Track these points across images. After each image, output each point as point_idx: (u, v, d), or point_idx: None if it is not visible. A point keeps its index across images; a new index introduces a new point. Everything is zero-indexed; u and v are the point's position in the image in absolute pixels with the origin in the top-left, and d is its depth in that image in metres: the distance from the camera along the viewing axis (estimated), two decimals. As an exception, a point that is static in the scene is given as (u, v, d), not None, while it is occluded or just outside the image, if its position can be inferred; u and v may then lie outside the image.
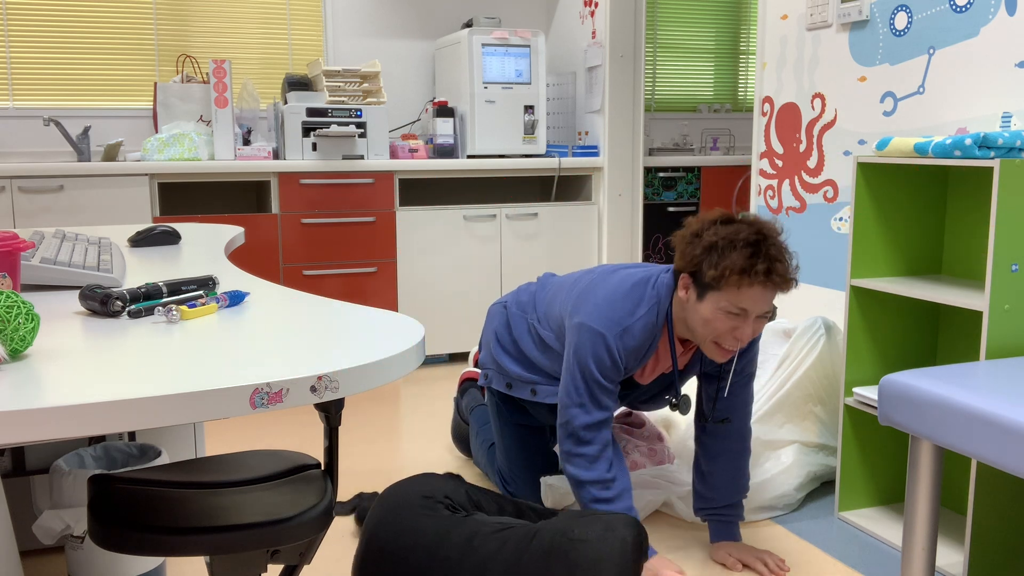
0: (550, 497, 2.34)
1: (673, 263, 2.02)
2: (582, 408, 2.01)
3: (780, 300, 3.08)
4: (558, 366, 2.22)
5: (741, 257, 1.84)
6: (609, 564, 1.64)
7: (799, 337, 2.55)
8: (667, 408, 2.48)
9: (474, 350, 2.96)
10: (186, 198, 3.92)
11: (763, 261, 1.84)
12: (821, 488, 2.58)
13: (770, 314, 1.91)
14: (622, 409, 2.65)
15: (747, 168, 4.54)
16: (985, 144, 1.98)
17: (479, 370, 2.49)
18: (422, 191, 4.24)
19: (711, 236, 1.89)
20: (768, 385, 2.50)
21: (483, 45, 3.98)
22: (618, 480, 2.02)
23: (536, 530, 1.74)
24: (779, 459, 2.45)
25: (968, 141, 1.99)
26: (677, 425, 2.70)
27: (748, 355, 2.12)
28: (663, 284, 2.04)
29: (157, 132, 3.84)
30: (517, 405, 2.39)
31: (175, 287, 1.43)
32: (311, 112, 3.74)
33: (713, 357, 1.97)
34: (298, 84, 3.92)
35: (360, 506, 2.32)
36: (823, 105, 2.85)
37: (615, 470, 2.02)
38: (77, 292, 1.48)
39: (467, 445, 2.78)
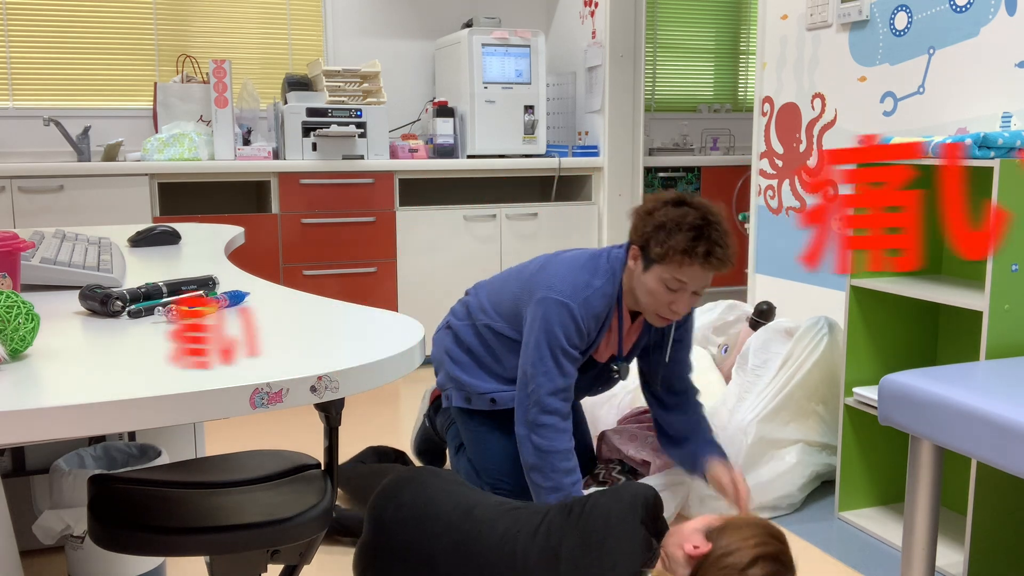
0: None
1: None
2: (547, 376, 2.11)
3: (781, 300, 3.08)
4: (515, 361, 2.28)
5: (685, 239, 2.02)
6: (618, 515, 1.67)
7: (802, 336, 2.55)
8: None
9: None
10: (186, 198, 3.92)
11: (704, 244, 2.03)
12: (821, 488, 2.58)
13: (704, 290, 2.13)
14: (639, 407, 2.65)
15: (747, 168, 4.54)
16: (985, 144, 1.98)
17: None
18: (422, 191, 4.24)
19: (661, 216, 2.06)
20: (772, 384, 2.50)
21: (483, 45, 3.98)
22: (574, 453, 2.15)
23: (548, 507, 1.79)
24: (783, 459, 2.45)
25: (968, 141, 1.99)
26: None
27: (685, 326, 2.32)
28: (616, 258, 2.20)
29: (157, 132, 3.84)
30: (484, 418, 2.40)
31: (175, 287, 1.43)
32: (311, 112, 3.73)
33: (653, 323, 2.18)
34: (298, 84, 3.92)
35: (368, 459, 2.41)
36: (823, 105, 2.85)
37: (573, 442, 2.15)
38: (77, 292, 1.48)
39: (432, 457, 2.75)
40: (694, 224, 2.03)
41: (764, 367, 2.56)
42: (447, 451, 2.68)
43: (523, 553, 1.69)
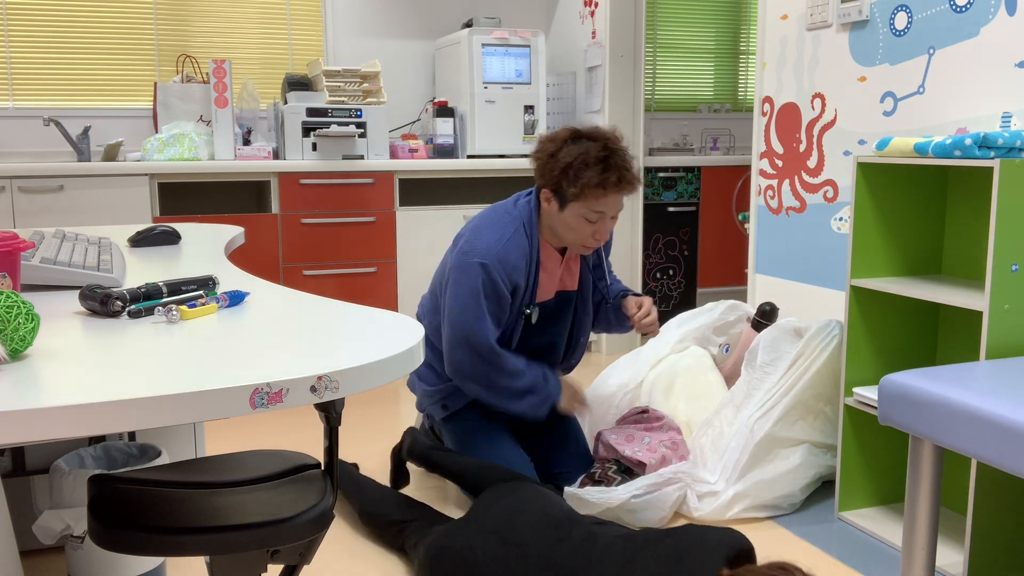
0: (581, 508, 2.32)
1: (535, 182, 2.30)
2: (480, 321, 2.22)
3: (781, 300, 3.08)
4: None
5: (595, 173, 2.13)
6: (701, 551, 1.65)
7: (813, 337, 2.55)
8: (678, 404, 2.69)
9: None
10: (186, 198, 3.92)
11: (614, 173, 2.15)
12: (821, 488, 2.58)
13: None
14: (636, 407, 2.65)
15: (747, 168, 4.54)
16: (985, 144, 1.98)
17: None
18: (422, 191, 4.24)
19: (566, 156, 2.16)
20: (781, 383, 2.49)
21: (483, 45, 3.98)
22: (531, 366, 2.30)
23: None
24: (787, 458, 2.45)
25: (968, 141, 1.99)
26: (690, 422, 2.70)
27: (607, 243, 2.51)
28: (524, 205, 2.30)
29: (157, 132, 3.84)
30: (466, 413, 2.42)
31: (175, 287, 1.43)
32: (311, 112, 3.74)
33: (579, 252, 2.32)
34: (298, 84, 3.92)
35: (414, 441, 2.40)
36: (823, 105, 2.85)
37: (522, 362, 2.29)
38: (77, 292, 1.48)
39: (428, 463, 2.77)
40: (599, 157, 2.14)
41: (773, 366, 2.56)
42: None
43: (600, 554, 1.69)
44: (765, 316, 2.83)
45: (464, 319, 2.22)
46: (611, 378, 2.82)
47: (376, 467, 2.80)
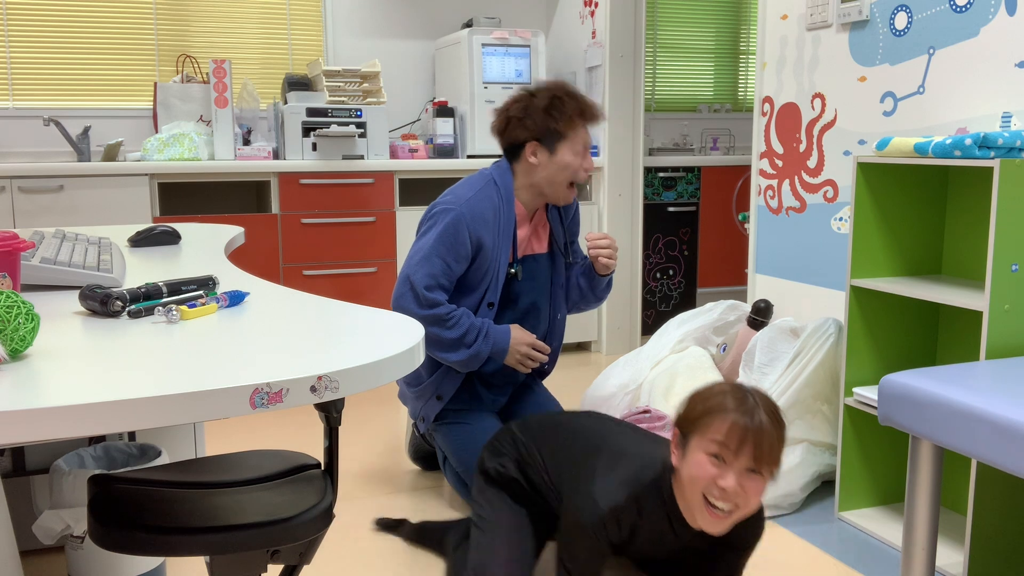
0: None
1: (504, 144, 2.38)
2: (426, 262, 2.26)
3: (781, 300, 3.08)
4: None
5: (574, 104, 2.30)
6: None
7: (810, 336, 2.55)
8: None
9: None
10: (186, 198, 3.92)
11: (586, 102, 2.33)
12: (821, 488, 2.58)
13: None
14: (638, 407, 2.65)
15: (747, 168, 4.54)
16: (985, 144, 1.98)
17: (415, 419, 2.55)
18: (422, 191, 4.24)
19: (540, 103, 2.30)
20: (778, 382, 2.50)
21: (483, 45, 3.98)
22: (462, 316, 2.30)
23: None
24: (787, 458, 2.45)
25: (968, 141, 1.99)
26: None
27: (573, 207, 2.57)
28: (495, 168, 2.39)
29: (157, 132, 3.84)
30: (455, 416, 2.42)
31: (175, 287, 1.43)
32: (311, 112, 3.74)
33: (567, 199, 2.40)
34: (298, 84, 3.92)
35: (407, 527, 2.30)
36: (823, 105, 2.85)
37: (461, 311, 2.32)
38: (77, 292, 1.48)
39: (428, 463, 2.78)
40: (567, 92, 2.32)
41: (770, 366, 2.56)
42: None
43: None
44: (760, 313, 2.84)
45: (415, 259, 2.28)
46: (611, 378, 2.82)
47: (376, 467, 2.80)
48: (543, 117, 2.30)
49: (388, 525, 2.33)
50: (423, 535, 2.25)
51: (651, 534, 1.65)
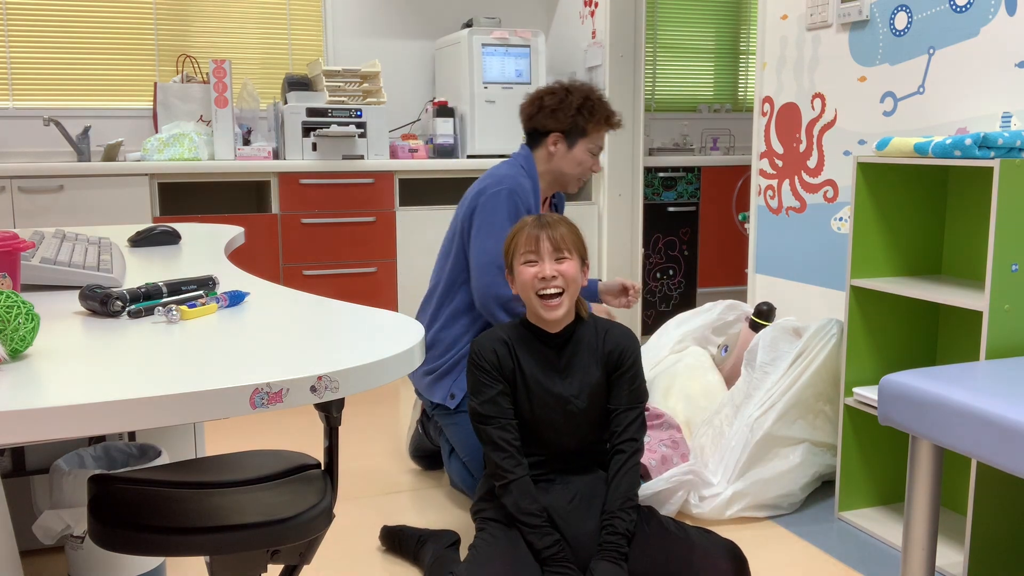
0: None
1: (528, 128, 2.55)
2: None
3: (781, 300, 3.08)
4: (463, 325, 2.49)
5: (603, 109, 2.50)
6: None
7: (812, 336, 2.55)
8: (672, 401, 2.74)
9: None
10: (186, 198, 3.92)
11: (613, 110, 2.54)
12: (821, 488, 2.58)
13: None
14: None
15: (747, 168, 4.54)
16: (985, 144, 1.98)
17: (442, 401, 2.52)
18: (422, 191, 4.24)
19: (576, 98, 2.47)
20: (780, 382, 2.50)
21: (483, 45, 3.98)
22: None
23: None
24: (787, 458, 2.45)
25: (968, 141, 1.99)
26: (690, 422, 2.70)
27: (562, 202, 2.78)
28: (521, 155, 2.55)
29: (157, 132, 3.84)
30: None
31: (175, 287, 1.43)
32: (311, 112, 3.74)
33: (572, 189, 2.63)
34: (298, 84, 3.92)
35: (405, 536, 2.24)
36: (823, 105, 2.85)
37: None
38: (77, 292, 1.48)
39: (428, 463, 2.78)
40: (599, 96, 2.51)
41: (772, 365, 2.56)
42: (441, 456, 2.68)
43: None
44: (762, 316, 2.83)
45: (495, 243, 2.33)
46: (611, 378, 2.82)
47: (376, 467, 2.80)
48: (574, 113, 2.47)
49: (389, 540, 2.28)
50: (398, 541, 2.20)
51: (534, 368, 1.96)
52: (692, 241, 4.51)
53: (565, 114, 2.48)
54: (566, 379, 1.97)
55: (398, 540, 2.20)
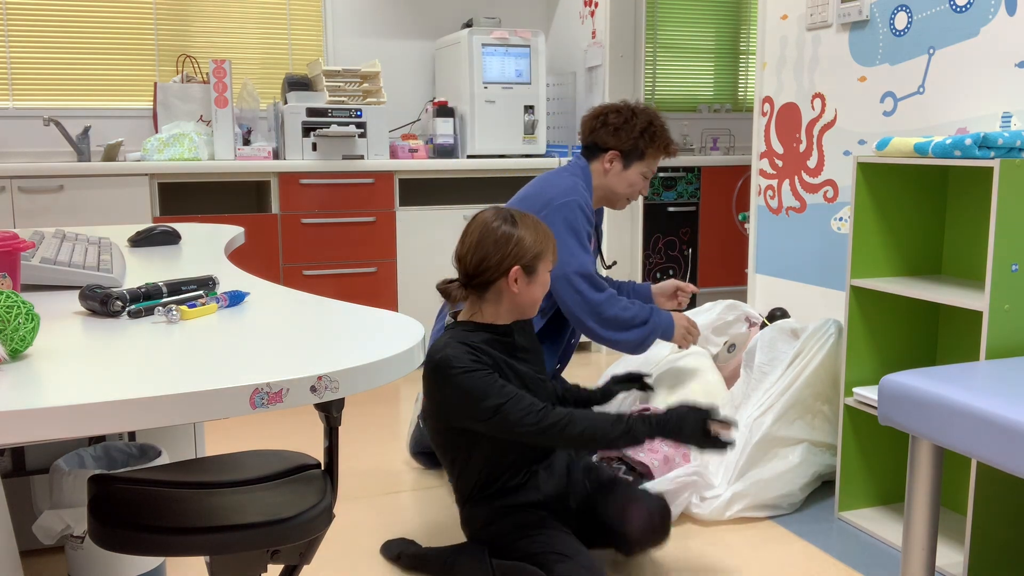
0: None
1: (586, 142, 2.59)
2: (582, 252, 2.40)
3: (781, 301, 3.08)
4: None
5: (664, 135, 2.56)
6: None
7: (810, 336, 2.55)
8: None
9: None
10: (186, 198, 3.92)
11: (672, 139, 2.59)
12: (821, 488, 2.58)
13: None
14: (640, 406, 2.65)
15: (747, 168, 4.54)
16: (985, 144, 1.98)
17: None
18: (422, 191, 4.24)
19: (641, 121, 2.52)
20: (779, 382, 2.50)
21: (483, 45, 3.98)
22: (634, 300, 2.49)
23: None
24: (786, 458, 2.45)
25: (968, 141, 1.99)
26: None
27: (603, 218, 2.87)
28: (577, 167, 2.58)
29: (157, 132, 3.84)
30: None
31: (175, 287, 1.43)
32: (311, 112, 3.74)
33: (619, 207, 2.67)
34: (298, 84, 3.92)
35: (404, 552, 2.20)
36: (823, 105, 2.85)
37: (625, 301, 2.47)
38: (77, 292, 1.48)
39: (428, 459, 2.77)
40: (662, 123, 2.57)
41: (770, 365, 2.56)
42: None
43: None
44: (775, 321, 2.84)
45: (565, 255, 2.36)
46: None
47: (376, 467, 2.80)
48: (637, 136, 2.52)
49: (390, 557, 2.21)
50: (425, 563, 2.15)
51: (508, 358, 2.01)
52: (692, 241, 4.51)
53: (628, 134, 2.52)
54: (531, 363, 2.07)
55: (422, 561, 2.14)
